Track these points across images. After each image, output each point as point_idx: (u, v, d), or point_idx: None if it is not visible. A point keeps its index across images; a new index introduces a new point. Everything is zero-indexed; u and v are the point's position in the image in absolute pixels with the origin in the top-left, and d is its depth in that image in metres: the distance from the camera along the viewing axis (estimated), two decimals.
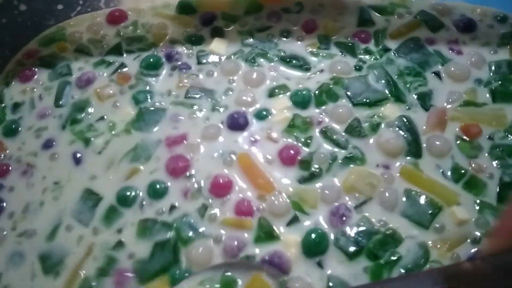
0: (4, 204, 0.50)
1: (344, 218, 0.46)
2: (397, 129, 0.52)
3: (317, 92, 0.54)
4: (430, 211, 0.47)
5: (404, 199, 0.48)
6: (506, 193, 0.48)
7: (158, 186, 0.49)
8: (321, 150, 0.51)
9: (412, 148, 0.51)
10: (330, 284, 0.44)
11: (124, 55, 0.60)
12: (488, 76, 0.56)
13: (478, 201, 0.47)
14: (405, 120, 0.52)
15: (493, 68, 0.57)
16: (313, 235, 0.45)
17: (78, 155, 0.52)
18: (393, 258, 0.45)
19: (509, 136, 0.51)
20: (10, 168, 0.52)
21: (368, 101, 0.54)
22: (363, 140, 0.51)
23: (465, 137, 0.51)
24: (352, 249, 0.45)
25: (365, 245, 0.45)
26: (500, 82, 0.55)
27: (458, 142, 0.51)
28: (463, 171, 0.49)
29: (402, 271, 0.44)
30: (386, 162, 0.50)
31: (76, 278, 0.45)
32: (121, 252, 0.46)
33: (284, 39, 0.60)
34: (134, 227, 0.47)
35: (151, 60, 0.58)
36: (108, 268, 0.45)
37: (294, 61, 0.58)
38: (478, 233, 0.46)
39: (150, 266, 0.45)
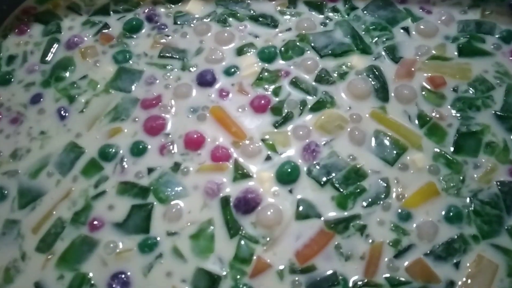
0: None
1: (314, 154, 0.50)
2: (365, 76, 0.55)
3: (283, 49, 0.57)
4: (396, 151, 0.50)
5: (372, 138, 0.51)
6: (461, 143, 0.51)
7: (140, 146, 0.52)
8: (291, 97, 0.54)
9: (380, 93, 0.54)
10: (300, 208, 0.48)
11: (111, 15, 0.62)
12: (455, 33, 0.58)
13: (437, 150, 0.50)
14: (374, 69, 0.55)
15: (461, 26, 0.58)
16: (286, 166, 0.50)
17: (63, 112, 0.55)
18: (358, 190, 0.48)
19: (471, 89, 0.54)
20: (1, 116, 0.55)
21: (334, 52, 0.57)
22: (332, 86, 0.55)
23: (430, 87, 0.54)
24: (324, 179, 0.49)
25: (334, 176, 0.49)
26: (467, 39, 0.57)
27: (423, 92, 0.54)
28: (427, 118, 0.52)
29: (364, 204, 0.48)
30: (355, 105, 0.53)
31: (50, 217, 0.49)
32: (101, 202, 0.49)
33: None
34: (114, 189, 0.50)
35: (134, 23, 0.61)
36: (84, 215, 0.48)
37: (262, 19, 0.60)
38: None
39: (124, 227, 0.48)
